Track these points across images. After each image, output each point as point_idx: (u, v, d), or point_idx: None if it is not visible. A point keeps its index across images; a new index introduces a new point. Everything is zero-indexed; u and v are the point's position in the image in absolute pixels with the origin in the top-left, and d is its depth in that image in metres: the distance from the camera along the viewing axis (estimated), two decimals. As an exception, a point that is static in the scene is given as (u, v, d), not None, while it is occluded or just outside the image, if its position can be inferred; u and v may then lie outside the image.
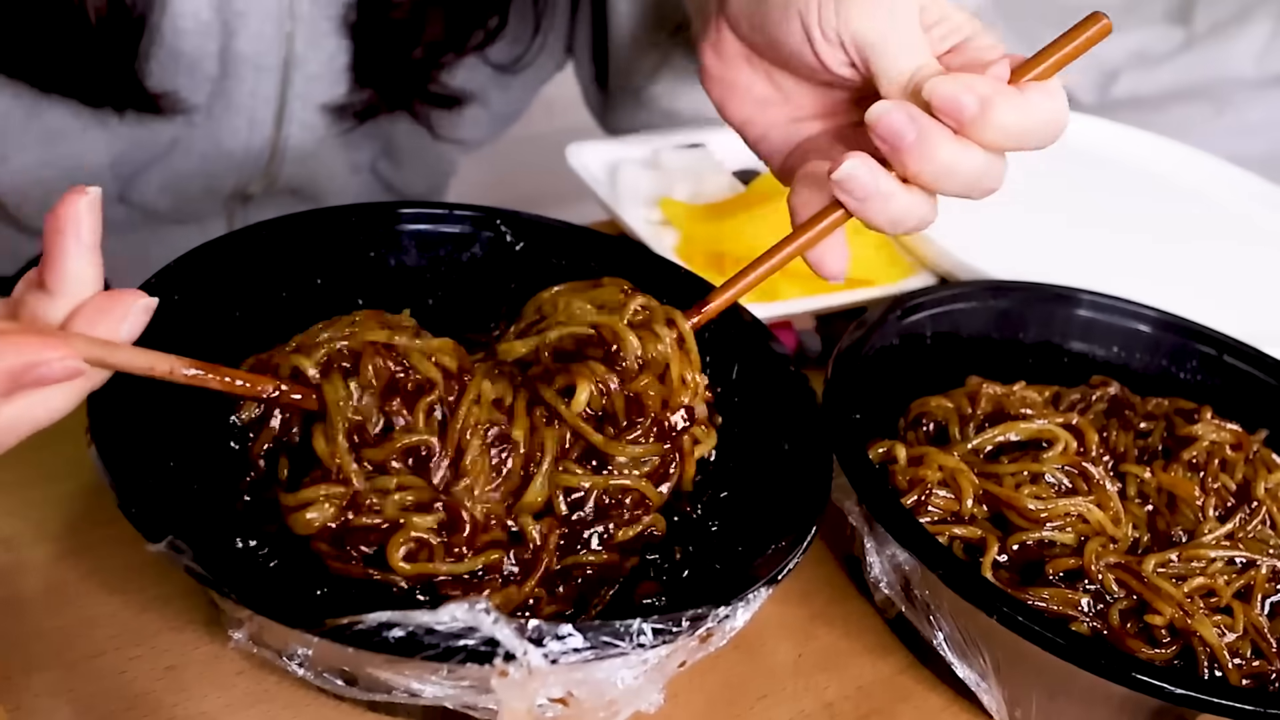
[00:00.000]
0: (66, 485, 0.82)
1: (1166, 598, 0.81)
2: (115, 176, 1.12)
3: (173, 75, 1.04)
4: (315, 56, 1.09)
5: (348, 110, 1.14)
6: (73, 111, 1.06)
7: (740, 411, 0.86)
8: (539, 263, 0.92)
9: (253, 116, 1.11)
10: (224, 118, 1.10)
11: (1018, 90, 0.71)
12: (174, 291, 0.79)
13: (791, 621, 0.86)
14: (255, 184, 1.18)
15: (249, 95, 1.09)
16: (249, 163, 1.15)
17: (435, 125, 1.23)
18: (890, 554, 0.80)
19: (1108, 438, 0.94)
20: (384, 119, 1.20)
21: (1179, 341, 1.06)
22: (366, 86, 1.13)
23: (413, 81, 1.16)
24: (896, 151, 0.71)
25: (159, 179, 1.14)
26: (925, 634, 0.80)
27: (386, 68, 1.13)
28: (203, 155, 1.12)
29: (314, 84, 1.10)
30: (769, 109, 0.83)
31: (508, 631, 0.60)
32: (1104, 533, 0.85)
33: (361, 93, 1.14)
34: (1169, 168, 1.46)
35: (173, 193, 1.15)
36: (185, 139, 1.11)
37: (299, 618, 0.61)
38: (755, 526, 0.77)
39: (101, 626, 0.75)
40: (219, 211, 1.22)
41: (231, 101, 1.09)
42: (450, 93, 1.19)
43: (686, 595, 0.72)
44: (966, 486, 0.86)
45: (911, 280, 1.13)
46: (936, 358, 0.99)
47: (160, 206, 1.16)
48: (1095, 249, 1.28)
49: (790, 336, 1.07)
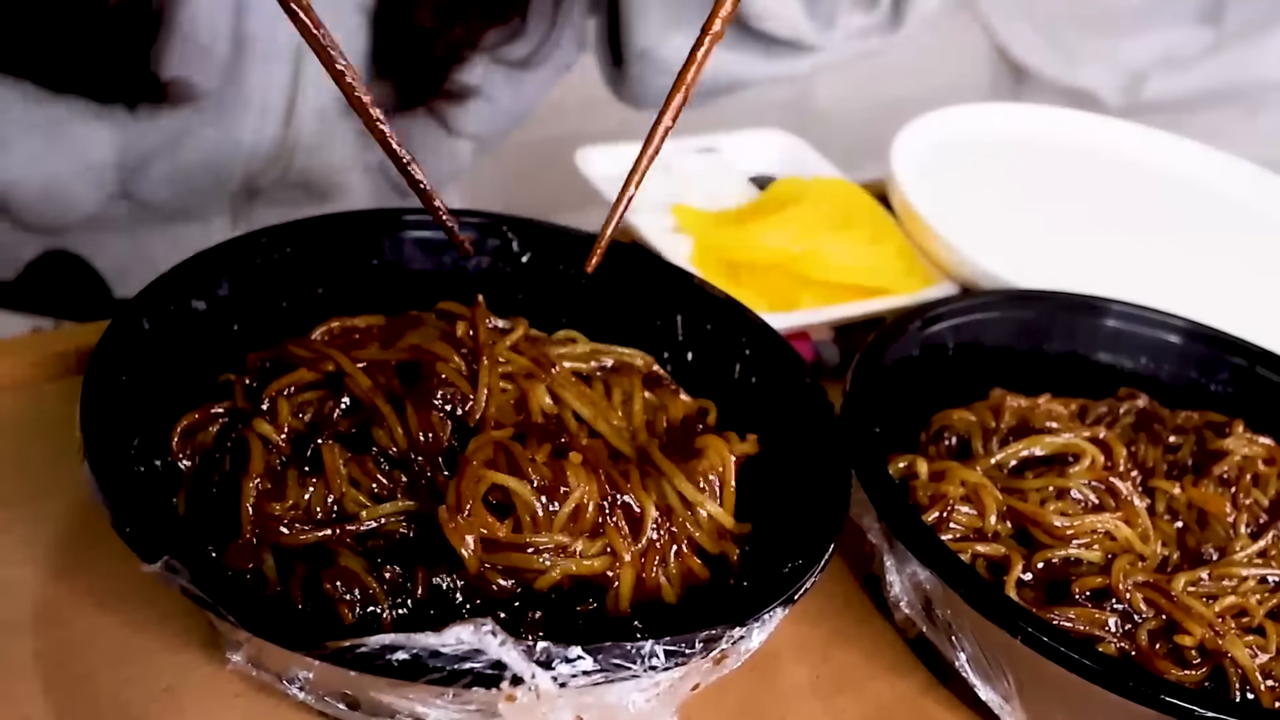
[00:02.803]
0: (58, 503, 0.82)
1: (1197, 617, 0.81)
2: (120, 169, 1.12)
3: (185, 60, 1.05)
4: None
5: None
6: (82, 103, 1.06)
7: (756, 425, 0.86)
8: (548, 271, 0.92)
9: (265, 104, 1.11)
10: (235, 105, 1.11)
11: None
12: (172, 300, 0.79)
13: (808, 642, 0.86)
14: (264, 176, 1.19)
15: (261, 80, 1.09)
16: (259, 154, 1.15)
17: (449, 120, 1.23)
18: (911, 572, 0.80)
19: (1136, 452, 0.93)
20: (400, 117, 1.20)
21: (1209, 353, 1.05)
22: (385, 79, 1.14)
23: (431, 78, 1.16)
24: None
25: (165, 171, 1.14)
26: (947, 655, 0.80)
27: (406, 62, 1.13)
28: (212, 145, 1.13)
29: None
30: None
31: (515, 654, 0.60)
32: (1132, 550, 0.84)
33: (381, 86, 1.14)
34: (1199, 173, 1.46)
35: (178, 186, 1.15)
36: (194, 129, 1.11)
37: (299, 640, 0.61)
38: (771, 544, 0.77)
39: (95, 647, 0.75)
40: (224, 207, 1.22)
41: (243, 87, 1.09)
42: (466, 89, 1.19)
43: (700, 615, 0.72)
44: (990, 502, 0.85)
45: (932, 289, 1.13)
46: (958, 369, 0.99)
47: (165, 200, 1.17)
48: (1123, 257, 1.27)
49: (807, 347, 1.07)
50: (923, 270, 1.15)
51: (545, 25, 1.21)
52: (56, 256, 1.19)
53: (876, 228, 1.17)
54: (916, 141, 1.26)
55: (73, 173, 1.10)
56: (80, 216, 1.15)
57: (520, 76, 1.23)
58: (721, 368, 0.89)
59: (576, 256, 0.92)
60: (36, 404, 0.89)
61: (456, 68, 1.17)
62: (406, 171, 0.73)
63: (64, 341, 0.93)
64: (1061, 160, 1.40)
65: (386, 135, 0.72)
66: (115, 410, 0.71)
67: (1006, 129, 1.41)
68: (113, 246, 1.21)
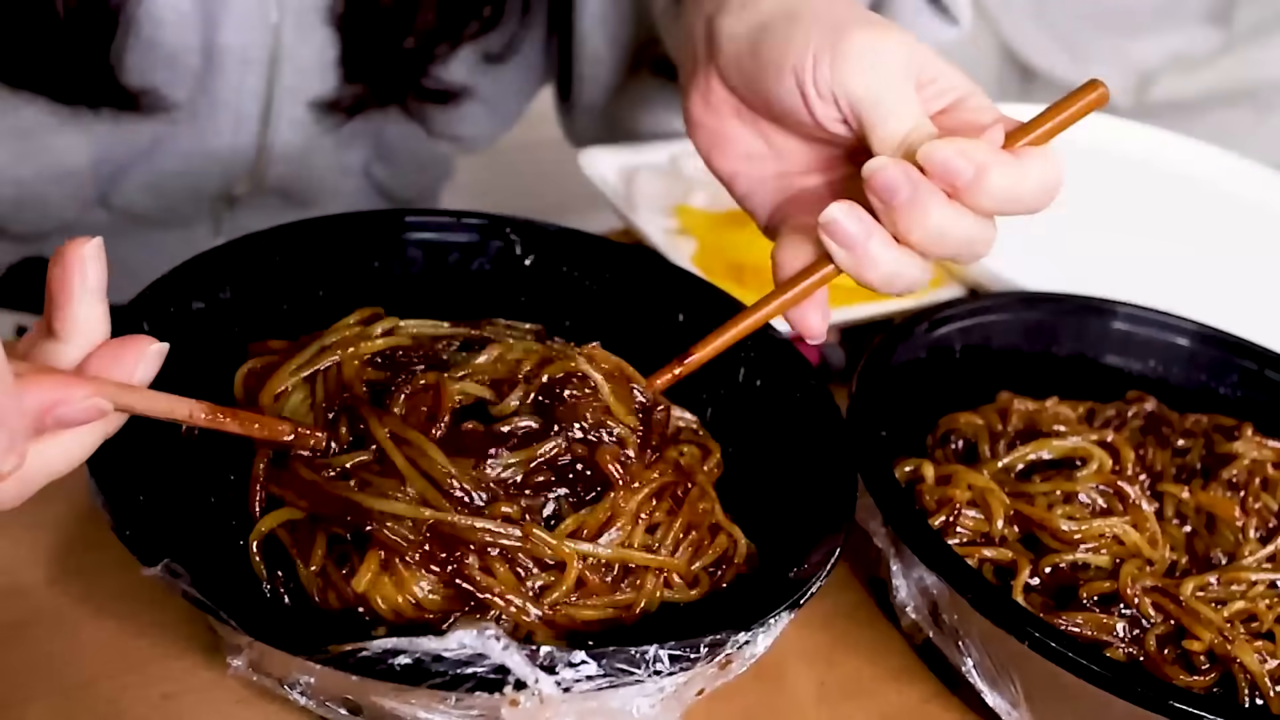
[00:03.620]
0: (58, 507, 0.82)
1: (1205, 622, 0.81)
2: (96, 177, 1.12)
3: (152, 70, 1.04)
4: (304, 50, 1.09)
5: (338, 106, 1.14)
6: (48, 108, 1.06)
7: (761, 428, 0.86)
8: (551, 273, 0.92)
9: (239, 113, 1.11)
10: (208, 115, 1.10)
11: (1014, 157, 0.71)
12: (172, 302, 0.79)
13: (814, 647, 0.86)
14: (241, 185, 1.18)
15: (234, 91, 1.09)
16: (235, 162, 1.15)
17: (430, 122, 1.23)
18: (917, 577, 0.80)
19: (1144, 456, 0.93)
20: (375, 115, 1.20)
21: (1218, 355, 1.05)
22: (357, 81, 1.13)
23: (405, 74, 1.16)
24: (889, 209, 0.71)
25: (141, 179, 1.14)
26: (954, 660, 0.80)
27: (377, 60, 1.13)
28: (187, 155, 1.12)
29: (302, 78, 1.10)
30: (757, 163, 0.83)
31: (518, 658, 0.60)
32: (1140, 555, 0.84)
33: (352, 87, 1.13)
34: (1209, 174, 1.46)
35: (156, 194, 1.15)
36: (168, 138, 1.11)
37: (300, 644, 0.61)
38: (776, 548, 0.77)
39: (95, 653, 0.75)
40: (205, 214, 1.22)
41: (216, 98, 1.09)
42: (444, 87, 1.19)
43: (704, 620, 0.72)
44: (997, 507, 0.85)
45: (939, 291, 1.13)
46: (966, 372, 0.99)
47: (144, 209, 1.16)
48: (1131, 259, 1.27)
49: (813, 350, 1.07)
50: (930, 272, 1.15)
51: (517, 13, 1.20)
52: (36, 263, 1.19)
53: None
54: (923, 142, 1.26)
55: (48, 180, 1.09)
56: (58, 224, 1.15)
57: (500, 72, 1.22)
58: (726, 370, 0.89)
59: (580, 258, 0.92)
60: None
61: (432, 65, 1.16)
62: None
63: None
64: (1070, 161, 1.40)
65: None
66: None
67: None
68: None
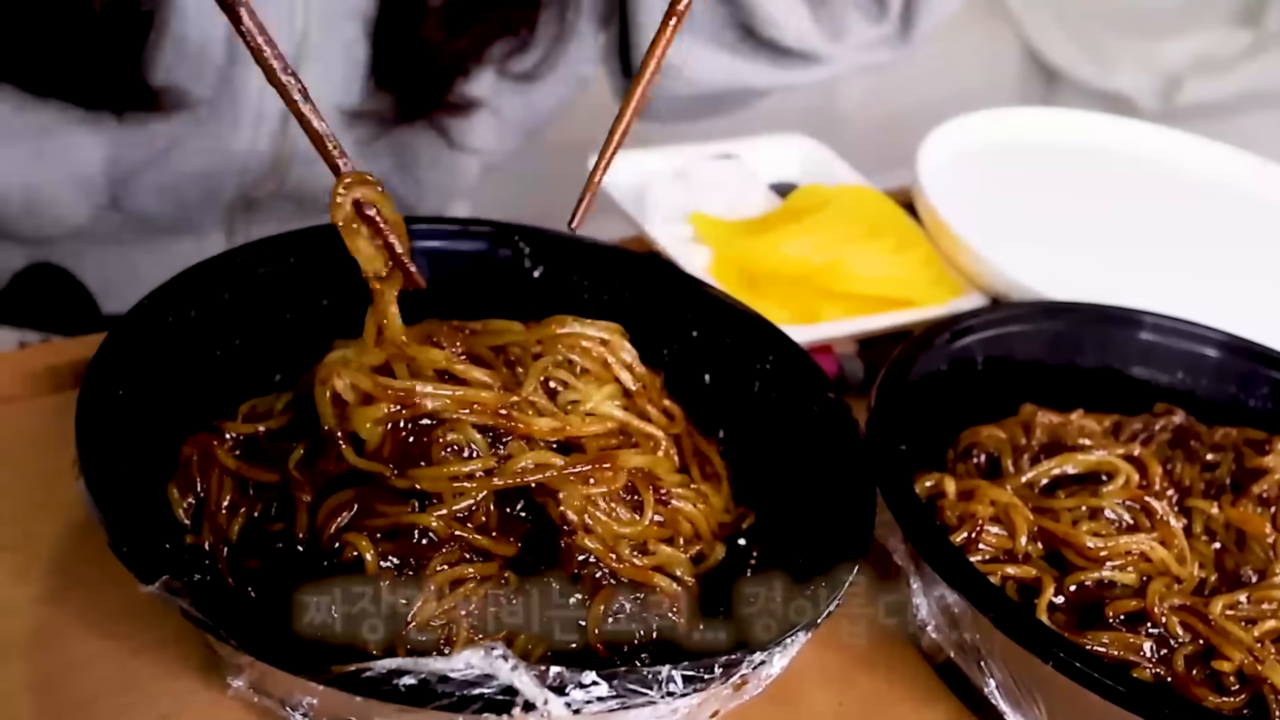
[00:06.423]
0: (54, 522, 0.82)
1: (1235, 642, 0.80)
2: (109, 179, 1.13)
3: (178, 66, 1.05)
4: (330, 50, 1.09)
5: (367, 118, 1.15)
6: (67, 110, 1.06)
7: (777, 442, 0.86)
8: (560, 282, 0.92)
9: (260, 113, 1.11)
10: (229, 114, 1.11)
11: None
12: (171, 312, 0.79)
13: (832, 668, 0.86)
14: (260, 188, 1.19)
15: (256, 90, 1.09)
16: (254, 165, 1.15)
17: (451, 132, 1.23)
18: (938, 595, 0.80)
19: (1172, 470, 0.93)
20: (400, 130, 1.20)
21: (1248, 367, 1.05)
22: (385, 90, 1.14)
23: (433, 90, 1.16)
24: None
25: (156, 182, 1.14)
26: (976, 681, 0.80)
27: (408, 73, 1.13)
28: (205, 156, 1.13)
29: (327, 81, 1.11)
30: None
31: (527, 679, 0.60)
32: (1168, 572, 0.84)
33: (381, 98, 1.14)
34: (1238, 179, 1.45)
35: (170, 198, 1.16)
36: (187, 138, 1.11)
37: (303, 664, 0.61)
38: (793, 566, 0.77)
39: (92, 671, 0.75)
40: (217, 221, 1.22)
41: (238, 96, 1.09)
42: (469, 102, 1.19)
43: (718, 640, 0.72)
44: (1020, 523, 0.85)
45: (961, 301, 1.13)
46: (988, 384, 0.99)
47: (156, 213, 1.17)
48: (1158, 267, 1.27)
49: (831, 362, 1.07)
50: (950, 281, 1.15)
51: (552, 38, 1.21)
52: (42, 269, 1.19)
53: (902, 237, 1.17)
54: (944, 147, 1.26)
55: (60, 182, 1.10)
56: (68, 228, 1.15)
57: (527, 90, 1.23)
58: (741, 383, 0.89)
59: (589, 266, 0.92)
60: (27, 420, 0.90)
61: (460, 80, 1.17)
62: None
63: (55, 355, 0.94)
64: (1095, 166, 1.40)
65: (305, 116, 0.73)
66: (112, 426, 0.71)
67: (1037, 134, 1.41)
68: (101, 260, 1.21)
